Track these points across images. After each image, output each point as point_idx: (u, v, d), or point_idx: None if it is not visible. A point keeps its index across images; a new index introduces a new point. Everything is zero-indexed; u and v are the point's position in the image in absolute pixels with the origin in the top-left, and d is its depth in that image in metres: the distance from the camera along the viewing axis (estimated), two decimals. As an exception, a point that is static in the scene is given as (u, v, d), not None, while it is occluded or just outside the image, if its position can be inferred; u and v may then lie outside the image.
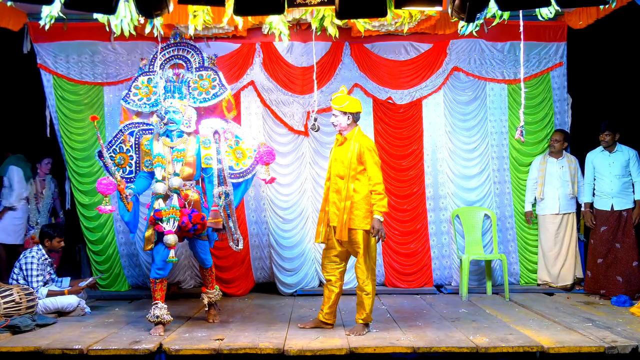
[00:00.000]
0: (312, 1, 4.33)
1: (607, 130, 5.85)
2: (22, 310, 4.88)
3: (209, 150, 4.87)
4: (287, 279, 6.33)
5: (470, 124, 6.54)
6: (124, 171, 5.00)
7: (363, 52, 6.41)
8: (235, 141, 5.08)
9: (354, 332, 4.60)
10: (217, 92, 5.13)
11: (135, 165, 5.01)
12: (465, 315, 5.25)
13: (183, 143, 4.81)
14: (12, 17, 5.78)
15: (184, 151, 4.77)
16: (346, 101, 4.65)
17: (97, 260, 6.39)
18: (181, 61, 5.21)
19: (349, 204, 4.55)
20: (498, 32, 6.21)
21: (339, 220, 4.58)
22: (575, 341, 4.29)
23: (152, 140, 4.85)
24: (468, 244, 6.32)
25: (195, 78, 5.14)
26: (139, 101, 5.09)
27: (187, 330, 4.76)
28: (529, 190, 6.42)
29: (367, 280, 4.61)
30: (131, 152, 5.03)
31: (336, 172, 4.68)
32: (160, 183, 4.68)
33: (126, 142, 5.02)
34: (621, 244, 5.80)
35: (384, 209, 4.50)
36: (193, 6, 4.97)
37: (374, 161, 4.56)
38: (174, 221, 4.56)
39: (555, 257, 6.28)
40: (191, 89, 5.08)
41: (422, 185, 6.50)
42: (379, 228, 4.47)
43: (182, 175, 4.75)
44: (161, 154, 4.74)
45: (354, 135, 4.65)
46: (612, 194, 5.85)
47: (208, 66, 5.21)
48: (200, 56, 5.23)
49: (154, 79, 5.09)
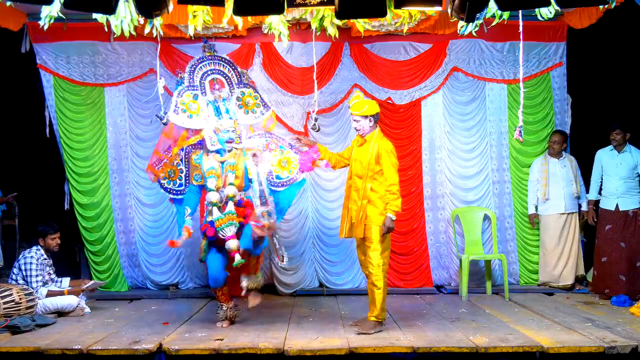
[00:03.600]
0: (311, 1, 4.33)
1: (618, 129, 5.84)
2: (21, 310, 4.88)
3: (247, 159, 5.01)
4: (286, 279, 6.33)
5: (469, 124, 6.54)
6: (174, 184, 5.09)
7: (363, 52, 6.42)
8: (280, 151, 5.19)
9: (363, 330, 4.63)
10: (262, 110, 5.19)
11: (185, 178, 5.09)
12: (465, 315, 5.25)
13: (233, 157, 4.96)
14: (11, 17, 5.78)
15: (235, 164, 4.93)
16: (365, 105, 4.78)
17: (96, 261, 6.39)
18: (220, 76, 5.14)
19: (365, 203, 4.70)
20: (498, 32, 6.20)
21: (356, 217, 4.72)
22: (575, 341, 4.29)
23: (202, 155, 4.96)
24: (468, 243, 6.32)
25: (239, 95, 5.18)
26: (188, 118, 5.01)
27: (187, 330, 4.76)
28: (531, 192, 6.40)
29: (378, 275, 4.66)
30: (181, 166, 5.10)
31: (355, 171, 4.82)
32: (214, 192, 4.83)
33: (176, 156, 5.08)
34: (626, 244, 5.78)
35: (396, 209, 4.63)
36: (193, 6, 4.97)
37: (392, 163, 4.69)
38: (234, 227, 4.74)
39: (557, 257, 6.26)
40: (238, 107, 5.14)
41: (420, 185, 6.50)
42: (389, 226, 4.61)
43: (236, 184, 4.90)
44: (214, 167, 4.89)
45: (374, 137, 4.78)
46: (617, 194, 5.85)
47: (246, 83, 5.22)
48: (236, 71, 5.19)
49: (199, 96, 5.05)
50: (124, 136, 6.40)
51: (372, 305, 4.70)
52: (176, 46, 6.30)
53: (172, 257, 6.40)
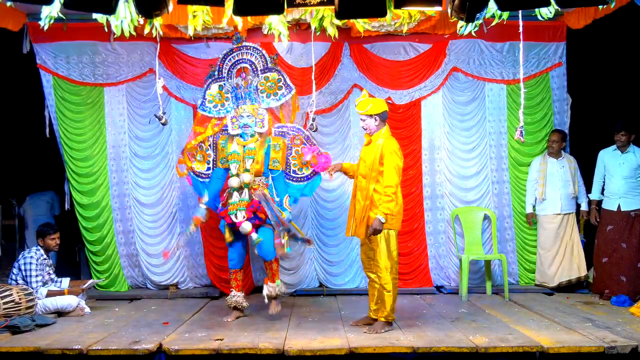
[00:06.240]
0: (311, 1, 4.34)
1: (624, 130, 5.83)
2: (21, 310, 4.88)
3: (277, 155, 5.23)
4: (286, 278, 6.32)
5: (469, 124, 6.54)
6: (202, 166, 5.47)
7: (362, 53, 6.41)
8: (302, 147, 5.43)
9: (372, 330, 4.64)
10: (283, 92, 5.41)
11: (213, 162, 5.44)
12: (465, 315, 5.25)
13: (254, 142, 5.21)
14: (11, 17, 5.77)
15: (254, 149, 5.17)
16: (369, 104, 4.74)
17: (96, 261, 6.38)
18: (246, 64, 5.42)
19: (368, 203, 4.65)
20: (497, 32, 6.20)
21: (359, 217, 4.70)
22: (575, 341, 4.29)
23: (227, 140, 5.28)
24: (467, 244, 6.32)
25: (262, 80, 5.40)
26: (214, 108, 5.40)
27: (187, 330, 4.76)
28: (529, 191, 6.40)
29: (387, 278, 4.65)
30: (209, 151, 5.45)
31: (361, 171, 4.79)
32: (235, 177, 5.15)
33: (205, 141, 5.44)
34: (627, 244, 5.78)
35: (387, 211, 4.54)
36: (193, 6, 4.98)
37: (393, 164, 4.61)
38: (241, 212, 5.03)
39: (553, 257, 6.25)
40: (260, 92, 5.37)
41: (419, 185, 6.50)
42: (376, 227, 4.53)
43: (252, 171, 5.15)
44: (236, 151, 5.19)
45: (380, 136, 4.73)
46: (619, 194, 5.84)
47: (272, 67, 5.43)
48: (263, 58, 5.42)
49: (224, 85, 5.40)
50: (122, 136, 6.39)
51: (381, 306, 4.72)
52: (176, 46, 6.29)
53: (171, 257, 6.39)
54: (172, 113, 6.33)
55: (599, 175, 6.04)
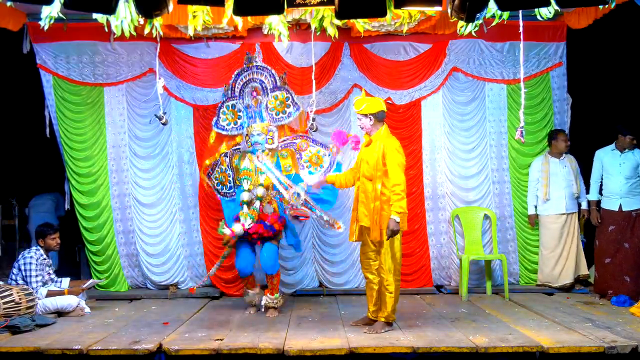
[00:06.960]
0: (311, 1, 4.33)
1: (631, 134, 5.81)
2: (21, 310, 4.88)
3: (287, 161, 5.56)
4: (286, 278, 6.32)
5: (469, 124, 6.54)
6: (225, 187, 5.73)
7: (362, 53, 6.41)
8: (310, 149, 5.64)
9: (372, 330, 4.63)
10: (291, 111, 5.66)
11: (233, 181, 5.68)
12: (465, 315, 5.25)
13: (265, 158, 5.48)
14: (11, 17, 5.77)
15: (265, 165, 5.44)
16: (364, 104, 4.72)
17: (96, 261, 6.38)
18: (257, 84, 5.70)
19: (378, 205, 4.58)
20: (497, 32, 6.19)
21: (370, 221, 4.62)
22: (575, 341, 4.29)
23: (240, 158, 5.60)
24: (468, 243, 6.32)
25: (271, 99, 5.66)
26: (227, 126, 5.71)
27: (187, 330, 4.76)
28: (531, 192, 6.39)
29: (390, 280, 4.64)
30: (228, 171, 5.69)
31: (363, 172, 4.74)
32: (246, 192, 5.38)
33: (223, 162, 5.71)
34: (629, 244, 5.77)
35: (400, 210, 4.49)
36: (193, 6, 4.97)
37: (397, 162, 4.58)
38: (250, 220, 5.24)
39: (557, 257, 6.24)
40: (269, 110, 5.64)
41: (420, 185, 6.50)
42: (393, 228, 4.49)
43: (265, 185, 5.41)
44: (248, 168, 5.49)
45: (380, 135, 4.71)
46: (620, 194, 5.82)
47: (280, 86, 5.68)
48: (273, 77, 5.69)
49: (237, 104, 5.69)
50: (122, 136, 6.39)
51: (382, 306, 4.71)
52: (176, 46, 6.30)
53: (171, 257, 6.40)
54: (172, 113, 6.33)
55: (596, 175, 6.01)
